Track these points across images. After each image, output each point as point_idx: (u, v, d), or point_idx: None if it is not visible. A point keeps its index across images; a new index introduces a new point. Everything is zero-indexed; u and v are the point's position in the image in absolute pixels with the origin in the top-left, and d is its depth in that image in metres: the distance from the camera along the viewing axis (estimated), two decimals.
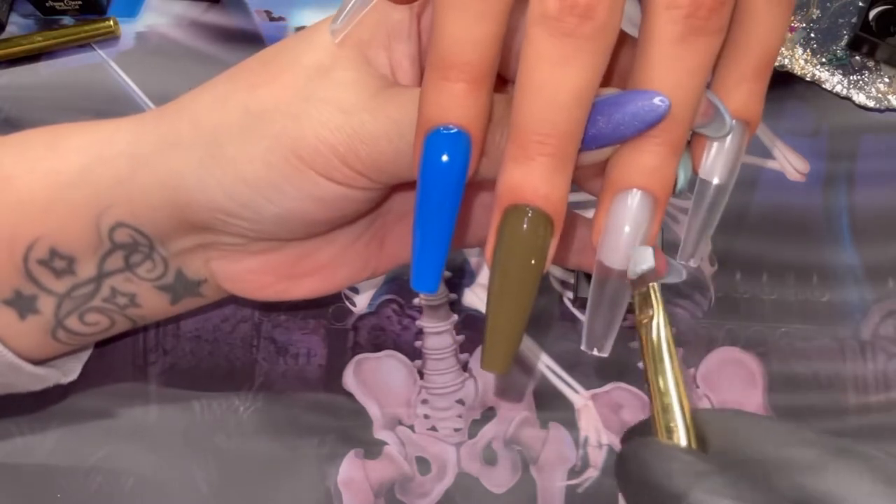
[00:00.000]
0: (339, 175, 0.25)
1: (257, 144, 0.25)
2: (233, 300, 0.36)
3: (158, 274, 0.30)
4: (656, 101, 0.21)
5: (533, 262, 0.22)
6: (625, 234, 0.22)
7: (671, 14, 0.20)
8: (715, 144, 0.24)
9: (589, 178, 0.26)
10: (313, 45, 0.26)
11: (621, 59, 0.24)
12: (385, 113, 0.24)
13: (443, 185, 0.22)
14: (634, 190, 0.22)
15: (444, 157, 0.22)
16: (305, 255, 0.30)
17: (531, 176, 0.21)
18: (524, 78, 0.21)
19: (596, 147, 0.22)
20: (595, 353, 0.23)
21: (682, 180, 0.24)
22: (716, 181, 0.24)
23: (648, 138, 0.22)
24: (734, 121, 0.23)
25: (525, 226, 0.21)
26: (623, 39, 0.23)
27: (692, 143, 0.24)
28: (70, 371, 0.33)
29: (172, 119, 0.27)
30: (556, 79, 0.20)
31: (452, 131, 0.22)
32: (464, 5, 0.21)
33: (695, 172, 0.25)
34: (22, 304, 0.29)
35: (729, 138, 0.24)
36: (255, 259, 0.30)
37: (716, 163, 0.24)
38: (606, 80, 0.22)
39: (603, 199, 0.23)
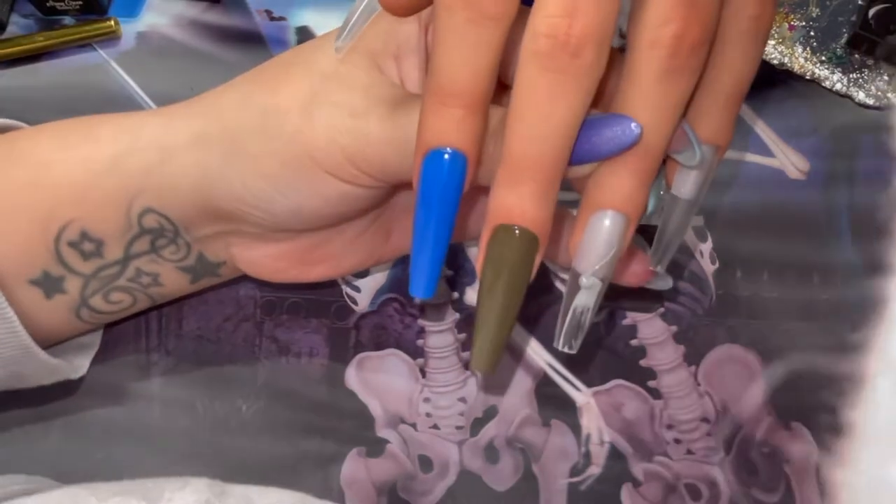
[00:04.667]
0: (346, 174, 0.27)
1: (274, 143, 0.27)
2: (234, 300, 0.36)
3: (181, 256, 0.31)
4: (631, 126, 0.23)
5: (519, 274, 0.24)
6: (598, 249, 0.24)
7: (654, 53, 0.22)
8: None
9: (580, 185, 0.28)
10: (329, 51, 0.28)
11: (608, 83, 0.26)
12: (392, 119, 0.26)
13: (440, 201, 0.24)
14: (609, 210, 0.24)
15: (442, 176, 0.23)
16: (317, 244, 0.32)
17: (520, 199, 0.23)
18: (516, 109, 0.22)
19: (576, 163, 0.24)
20: (567, 350, 0.26)
21: (651, 205, 0.26)
22: (685, 197, 0.26)
23: (625, 164, 0.23)
24: (705, 146, 0.25)
25: (513, 243, 0.23)
26: (610, 64, 0.24)
27: (666, 163, 0.27)
28: (79, 367, 0.34)
29: (199, 115, 0.29)
30: (546, 111, 0.22)
31: (449, 152, 0.23)
32: (462, 36, 0.22)
33: (668, 187, 0.27)
34: (49, 285, 0.30)
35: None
36: (272, 247, 0.32)
37: (687, 181, 0.26)
38: (593, 104, 0.23)
39: (581, 215, 0.24)
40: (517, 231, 0.23)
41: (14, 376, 0.31)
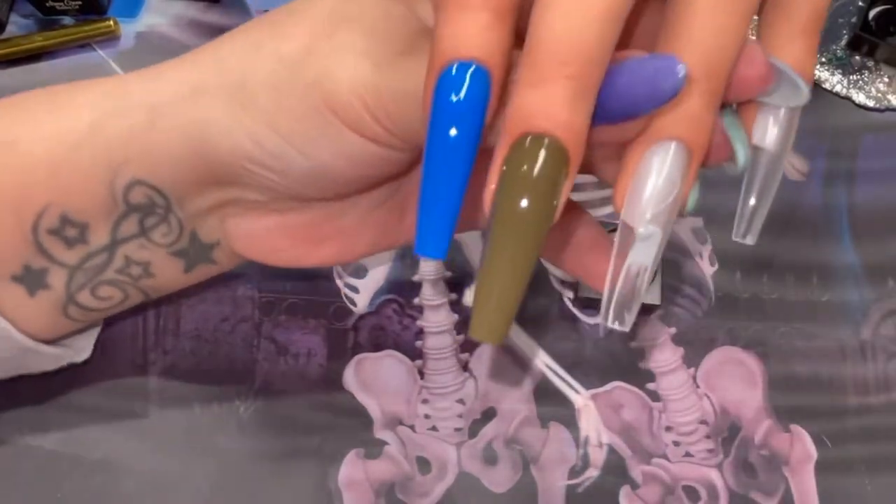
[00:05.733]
0: (369, 131, 0.23)
1: (290, 95, 0.24)
2: (232, 300, 0.36)
3: (173, 238, 0.28)
4: (677, 67, 0.19)
5: (543, 202, 0.19)
6: (658, 188, 0.20)
7: None
8: (769, 110, 0.22)
9: (603, 159, 0.24)
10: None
11: (646, 19, 0.23)
12: (417, 69, 0.22)
13: (458, 128, 0.19)
14: (669, 141, 0.20)
15: (461, 95, 0.19)
16: (328, 217, 0.28)
17: (549, 100, 0.18)
18: None
19: (609, 121, 0.20)
20: (617, 326, 0.22)
21: (742, 156, 0.22)
22: (771, 148, 0.22)
23: (685, 88, 0.19)
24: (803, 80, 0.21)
25: (538, 158, 0.19)
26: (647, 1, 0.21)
27: (742, 111, 0.23)
28: (82, 349, 0.32)
29: (195, 67, 0.25)
30: None
31: (472, 67, 0.19)
32: None
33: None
34: (31, 280, 0.28)
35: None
36: (275, 218, 0.28)
37: (770, 128, 0.22)
38: (625, 42, 0.20)
39: (632, 152, 0.21)
40: (546, 141, 0.18)
41: (17, 367, 0.31)
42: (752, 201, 0.23)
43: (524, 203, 0.19)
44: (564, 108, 0.18)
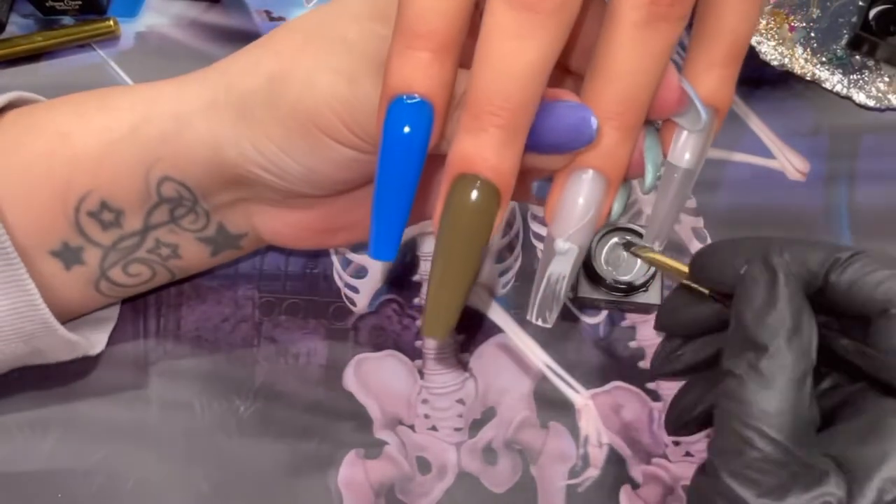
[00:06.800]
0: (348, 140, 0.27)
1: (279, 109, 0.27)
2: (232, 301, 0.36)
3: (201, 226, 0.31)
4: (591, 121, 0.22)
5: (477, 231, 0.22)
6: (577, 211, 0.23)
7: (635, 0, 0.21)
8: (685, 130, 0.25)
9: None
10: (340, 16, 0.27)
11: (586, 33, 0.25)
12: None
13: (404, 154, 0.22)
14: (588, 169, 0.23)
15: (406, 127, 0.22)
16: (338, 213, 0.32)
17: (482, 146, 0.22)
18: (482, 49, 0.21)
19: (539, 152, 0.23)
20: (540, 323, 0.24)
21: (649, 180, 0.25)
22: (684, 166, 0.25)
23: (604, 121, 0.22)
24: (706, 109, 0.24)
25: (472, 195, 0.22)
26: (588, 12, 0.23)
27: (662, 129, 0.25)
28: (97, 342, 0.34)
29: (211, 83, 0.29)
30: (513, 52, 0.21)
31: (415, 100, 0.22)
32: None
33: (664, 156, 0.25)
34: (68, 256, 0.30)
35: None
36: (293, 214, 0.31)
37: (685, 148, 0.25)
38: (567, 54, 0.22)
39: (558, 178, 0.24)
40: (478, 181, 0.22)
41: (34, 352, 0.32)
42: (664, 210, 0.26)
43: (461, 232, 0.22)
44: (494, 153, 0.22)
